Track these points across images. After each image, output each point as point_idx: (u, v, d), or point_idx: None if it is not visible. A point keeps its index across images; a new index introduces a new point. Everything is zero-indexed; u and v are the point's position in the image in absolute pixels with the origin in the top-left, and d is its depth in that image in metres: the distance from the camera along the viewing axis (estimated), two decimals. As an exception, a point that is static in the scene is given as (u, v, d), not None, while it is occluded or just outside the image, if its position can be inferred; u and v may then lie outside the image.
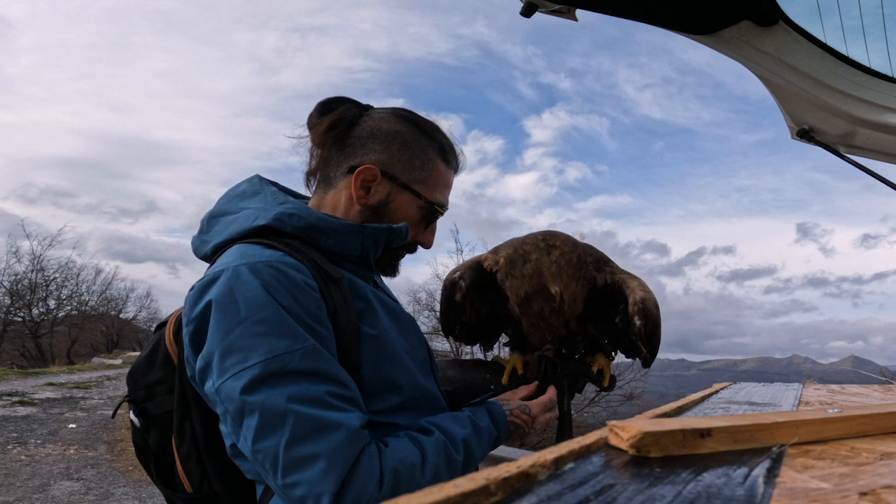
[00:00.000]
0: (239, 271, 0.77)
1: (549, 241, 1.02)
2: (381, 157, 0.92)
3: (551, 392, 1.04)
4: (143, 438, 0.92)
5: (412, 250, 1.01)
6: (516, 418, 0.95)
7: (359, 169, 0.90)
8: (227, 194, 0.96)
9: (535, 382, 1.07)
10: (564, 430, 1.18)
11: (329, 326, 0.79)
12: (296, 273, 0.78)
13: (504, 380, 1.09)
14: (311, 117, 0.94)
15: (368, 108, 0.96)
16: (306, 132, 0.96)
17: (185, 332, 0.78)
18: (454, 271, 1.11)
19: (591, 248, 1.08)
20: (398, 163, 0.92)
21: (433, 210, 0.96)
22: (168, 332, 0.91)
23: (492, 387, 1.07)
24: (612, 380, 1.15)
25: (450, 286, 1.10)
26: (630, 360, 1.23)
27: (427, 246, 1.01)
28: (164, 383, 0.89)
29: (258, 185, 0.95)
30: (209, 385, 0.74)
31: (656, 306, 1.03)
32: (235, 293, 0.75)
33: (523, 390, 1.04)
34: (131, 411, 0.92)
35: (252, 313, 0.73)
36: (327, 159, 0.95)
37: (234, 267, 0.77)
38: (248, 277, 0.76)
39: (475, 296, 1.12)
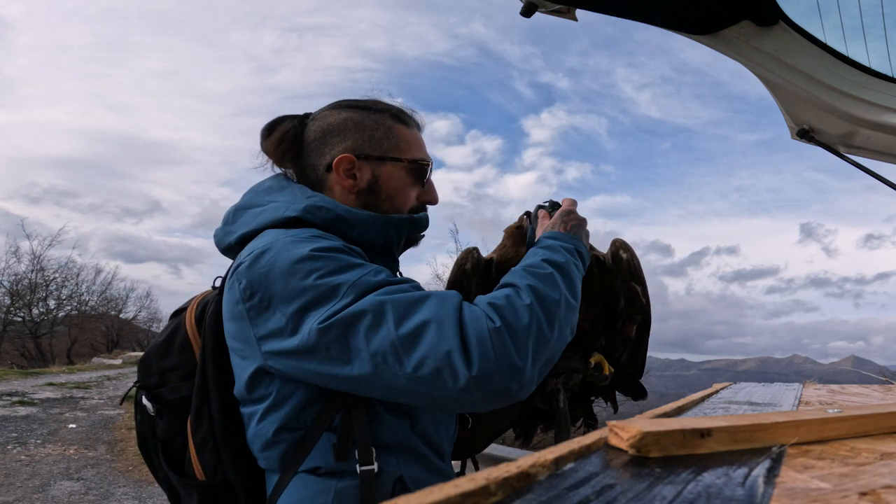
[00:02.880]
0: (286, 242, 0.79)
1: None
2: (346, 145, 0.93)
3: (567, 201, 1.05)
4: (151, 426, 0.92)
5: (422, 211, 1.02)
6: (568, 223, 0.97)
7: (334, 162, 0.92)
8: (254, 188, 0.97)
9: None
10: (562, 428, 1.19)
11: None
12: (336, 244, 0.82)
13: None
14: (260, 144, 0.97)
15: (307, 115, 0.98)
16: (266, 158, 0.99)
17: (246, 306, 0.78)
18: (468, 249, 1.21)
19: None
20: (364, 143, 0.94)
21: (420, 166, 0.97)
22: (189, 318, 0.90)
23: None
24: (611, 373, 1.18)
25: (463, 256, 1.18)
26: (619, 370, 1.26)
27: (434, 202, 1.02)
28: (180, 369, 0.89)
29: (284, 182, 0.96)
30: (300, 337, 0.73)
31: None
32: (296, 254, 0.77)
33: (545, 217, 1.04)
34: (143, 397, 0.91)
35: (318, 264, 0.76)
36: (301, 172, 0.97)
37: (280, 239, 0.80)
38: (299, 241, 0.79)
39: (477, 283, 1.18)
